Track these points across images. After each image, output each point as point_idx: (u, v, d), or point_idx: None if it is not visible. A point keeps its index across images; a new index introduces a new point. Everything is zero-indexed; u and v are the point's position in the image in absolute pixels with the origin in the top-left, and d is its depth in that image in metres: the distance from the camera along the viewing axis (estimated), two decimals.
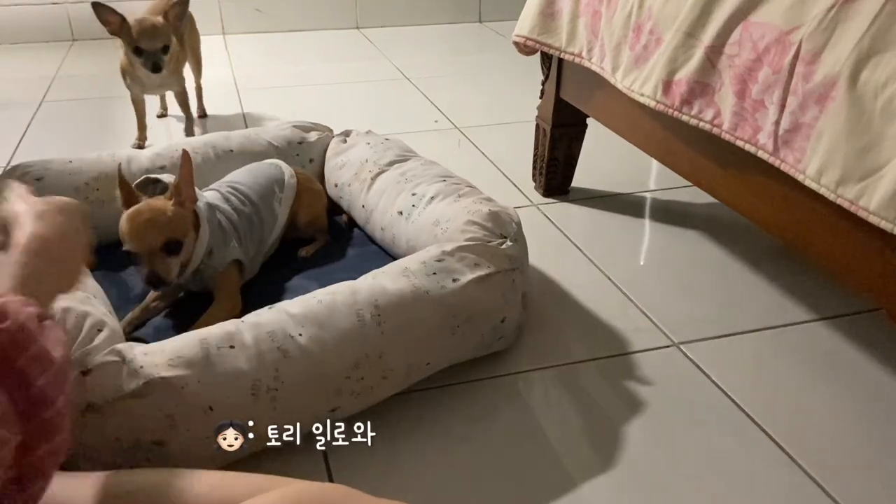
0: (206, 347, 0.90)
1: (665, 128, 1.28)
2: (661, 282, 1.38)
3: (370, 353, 0.96)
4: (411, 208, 1.27)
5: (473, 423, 1.03)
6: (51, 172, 1.34)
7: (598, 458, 0.97)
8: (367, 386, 0.97)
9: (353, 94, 2.46)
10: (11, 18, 2.98)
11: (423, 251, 1.11)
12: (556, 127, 1.64)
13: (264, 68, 2.78)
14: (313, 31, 3.27)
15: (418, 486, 0.93)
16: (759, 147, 1.03)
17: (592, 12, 1.39)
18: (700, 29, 1.11)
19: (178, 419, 0.85)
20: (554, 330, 1.23)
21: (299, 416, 0.93)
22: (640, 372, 1.13)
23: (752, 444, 0.99)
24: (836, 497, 0.91)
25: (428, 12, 3.36)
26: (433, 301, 1.02)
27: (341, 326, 0.96)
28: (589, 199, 1.69)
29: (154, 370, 0.86)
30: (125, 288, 1.26)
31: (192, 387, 0.86)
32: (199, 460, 0.88)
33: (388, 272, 1.06)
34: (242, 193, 1.29)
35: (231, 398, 0.88)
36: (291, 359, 0.92)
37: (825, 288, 1.33)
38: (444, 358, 1.06)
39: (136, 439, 0.85)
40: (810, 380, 1.12)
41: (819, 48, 0.92)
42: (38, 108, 2.29)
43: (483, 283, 1.07)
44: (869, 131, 0.86)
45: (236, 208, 1.25)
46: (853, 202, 0.88)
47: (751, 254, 1.45)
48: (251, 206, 1.28)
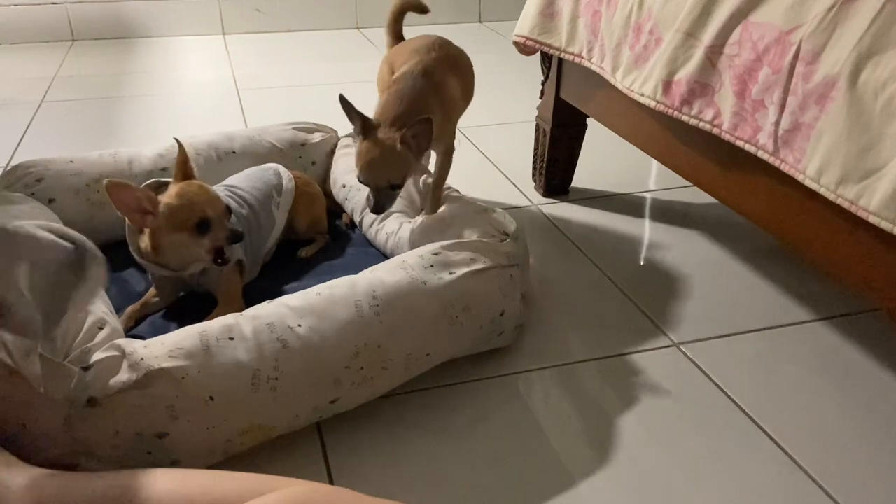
0: (206, 339, 0.90)
1: (665, 128, 1.28)
2: (661, 282, 1.38)
3: (369, 343, 0.97)
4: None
5: (473, 422, 1.03)
6: (51, 173, 1.34)
7: (598, 458, 0.97)
8: (366, 376, 0.97)
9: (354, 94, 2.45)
10: (11, 18, 2.98)
11: (421, 247, 1.13)
12: (556, 127, 1.64)
13: (264, 68, 2.78)
14: (313, 31, 3.27)
15: (418, 486, 0.93)
16: (759, 147, 1.03)
17: (592, 12, 1.39)
18: (700, 29, 1.11)
19: (179, 410, 0.86)
20: (554, 330, 1.23)
21: (300, 407, 0.94)
22: (640, 372, 1.13)
23: (752, 444, 0.99)
24: (836, 497, 0.91)
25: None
26: (430, 291, 1.03)
27: (340, 317, 0.97)
28: (589, 199, 1.69)
29: (154, 361, 0.86)
30: (126, 287, 1.26)
31: (192, 377, 0.87)
32: (200, 452, 0.88)
33: (386, 266, 1.08)
34: (241, 197, 1.28)
35: (231, 388, 0.88)
36: (291, 349, 0.92)
37: (825, 288, 1.33)
38: (443, 349, 1.06)
39: (138, 432, 0.85)
40: (810, 380, 1.12)
41: (819, 48, 0.92)
42: (38, 108, 2.29)
43: (479, 276, 1.08)
44: (869, 131, 0.86)
45: (236, 211, 1.25)
46: (853, 202, 0.88)
47: (751, 254, 1.45)
48: (249, 210, 1.28)
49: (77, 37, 3.06)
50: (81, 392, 0.83)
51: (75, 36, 3.06)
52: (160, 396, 0.85)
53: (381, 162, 1.15)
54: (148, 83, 2.58)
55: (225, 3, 3.18)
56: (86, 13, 3.05)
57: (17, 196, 1.26)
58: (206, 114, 2.28)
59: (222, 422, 0.88)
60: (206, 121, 2.19)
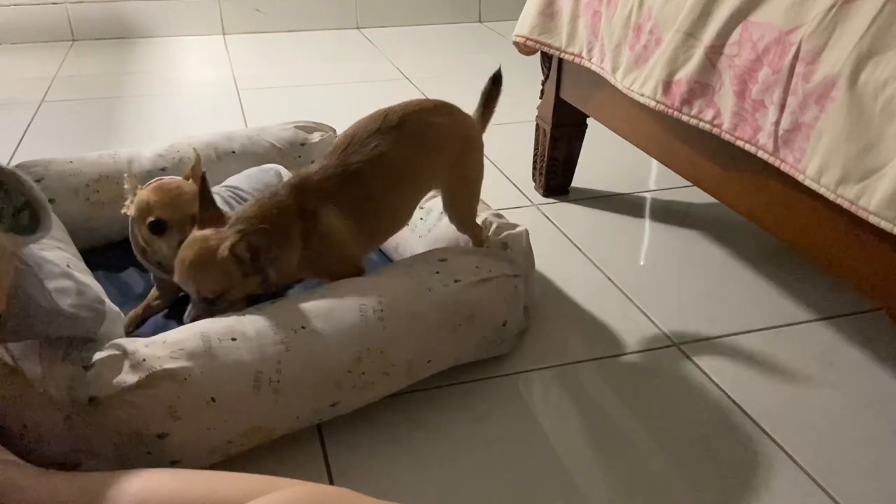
0: (208, 339, 0.90)
1: (665, 128, 1.28)
2: (661, 282, 1.38)
3: (372, 348, 0.96)
4: (419, 221, 1.28)
5: (474, 423, 1.03)
6: (51, 173, 1.34)
7: (598, 458, 0.97)
8: (368, 381, 0.97)
9: (353, 94, 2.46)
10: (11, 18, 2.98)
11: (427, 252, 1.13)
12: (556, 127, 1.64)
13: (264, 68, 2.77)
14: (313, 31, 3.27)
15: (418, 486, 0.93)
16: (759, 147, 1.03)
17: (592, 12, 1.39)
18: (700, 29, 1.11)
19: (180, 411, 0.85)
20: (554, 330, 1.23)
21: (300, 409, 0.93)
22: (640, 372, 1.13)
23: (753, 445, 0.99)
24: (836, 497, 0.91)
25: (428, 12, 3.36)
26: (435, 298, 1.03)
27: (343, 321, 0.96)
28: (589, 199, 1.69)
29: (156, 362, 0.86)
30: (125, 288, 1.26)
31: (194, 378, 0.86)
32: (200, 452, 0.88)
33: (392, 271, 1.07)
34: (243, 199, 1.28)
35: (233, 390, 0.88)
36: (294, 351, 0.92)
37: (825, 288, 1.33)
38: (445, 357, 1.06)
39: (138, 432, 0.85)
40: (810, 380, 1.12)
41: (819, 48, 0.92)
42: (38, 108, 2.29)
43: (485, 285, 1.07)
44: (869, 131, 0.86)
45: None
46: (853, 202, 0.88)
47: (751, 254, 1.45)
48: None
49: (77, 37, 3.06)
50: (83, 391, 0.83)
51: (75, 36, 3.06)
52: (161, 397, 0.85)
53: (194, 264, 0.97)
54: (148, 83, 2.58)
55: (225, 3, 3.18)
56: (86, 13, 3.05)
57: None
58: (206, 114, 2.28)
59: (223, 423, 0.88)
60: (206, 121, 2.19)
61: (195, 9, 3.16)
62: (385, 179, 1.06)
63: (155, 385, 0.85)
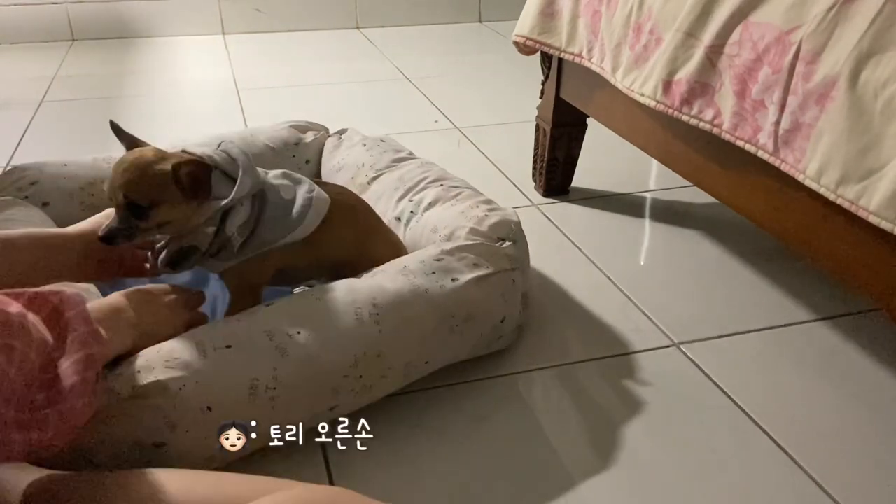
0: (203, 348, 0.89)
1: (665, 128, 1.28)
2: (661, 282, 1.38)
3: (368, 352, 0.96)
4: (409, 214, 1.27)
5: (473, 423, 1.03)
6: (45, 176, 1.32)
7: (598, 458, 0.97)
8: (365, 385, 0.97)
9: (353, 94, 2.46)
10: (11, 18, 2.98)
11: (422, 251, 1.11)
12: (556, 127, 1.64)
13: (264, 68, 2.78)
14: (313, 31, 3.27)
15: (418, 486, 0.93)
16: (759, 147, 1.03)
17: (592, 12, 1.39)
18: (700, 29, 1.11)
19: (177, 420, 0.85)
20: (554, 330, 1.23)
21: (298, 415, 0.93)
22: (640, 372, 1.13)
23: (752, 444, 0.99)
24: (836, 497, 0.91)
25: (428, 12, 3.36)
26: (432, 300, 1.02)
27: (339, 325, 0.96)
28: (589, 199, 1.69)
29: (150, 374, 0.85)
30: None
31: (189, 388, 0.86)
32: (199, 461, 0.88)
33: (387, 271, 1.06)
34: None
35: (229, 398, 0.88)
36: (289, 358, 0.91)
37: (825, 288, 1.33)
38: (442, 357, 1.06)
39: (136, 442, 0.84)
40: (810, 380, 1.12)
41: (819, 48, 0.92)
42: (38, 108, 2.29)
43: (482, 283, 1.06)
44: (869, 131, 0.86)
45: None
46: (853, 202, 0.88)
47: (751, 254, 1.45)
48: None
49: (77, 37, 3.06)
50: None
51: (75, 36, 3.06)
52: (157, 407, 0.84)
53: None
54: (148, 83, 2.58)
55: (225, 3, 3.18)
56: (86, 13, 3.05)
57: (9, 200, 1.25)
58: (205, 114, 2.29)
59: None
60: (205, 121, 2.19)
61: (195, 9, 3.16)
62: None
63: (150, 395, 0.84)
